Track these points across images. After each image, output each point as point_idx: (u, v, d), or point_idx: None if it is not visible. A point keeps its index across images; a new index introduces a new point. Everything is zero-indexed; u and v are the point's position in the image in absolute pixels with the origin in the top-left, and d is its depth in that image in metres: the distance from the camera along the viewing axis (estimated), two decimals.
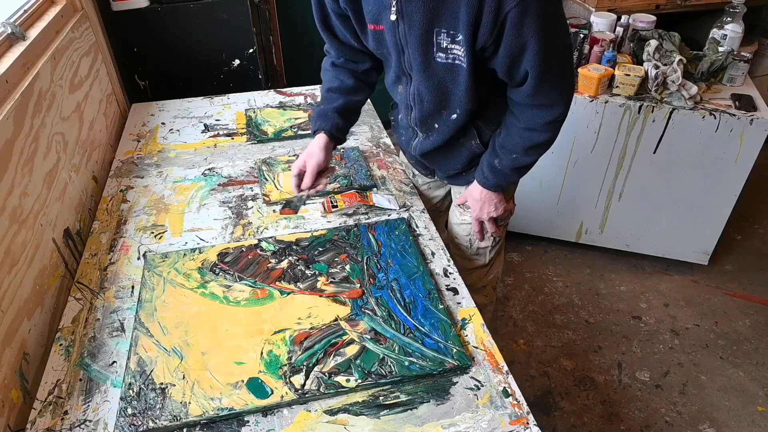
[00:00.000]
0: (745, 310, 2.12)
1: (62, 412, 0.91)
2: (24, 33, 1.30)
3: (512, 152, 1.16)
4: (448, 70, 1.06)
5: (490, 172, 1.21)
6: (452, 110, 1.16)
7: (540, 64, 0.99)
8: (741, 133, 1.87)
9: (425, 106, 1.18)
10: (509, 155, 1.16)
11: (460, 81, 1.07)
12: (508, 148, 1.16)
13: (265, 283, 1.13)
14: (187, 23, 2.02)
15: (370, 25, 1.08)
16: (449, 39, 1.00)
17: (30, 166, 1.13)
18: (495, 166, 1.19)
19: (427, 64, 1.07)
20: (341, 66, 1.30)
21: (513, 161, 1.17)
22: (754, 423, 1.72)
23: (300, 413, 0.90)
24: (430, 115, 1.20)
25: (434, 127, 1.23)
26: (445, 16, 0.97)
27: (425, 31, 1.00)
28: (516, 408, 0.90)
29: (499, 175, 1.20)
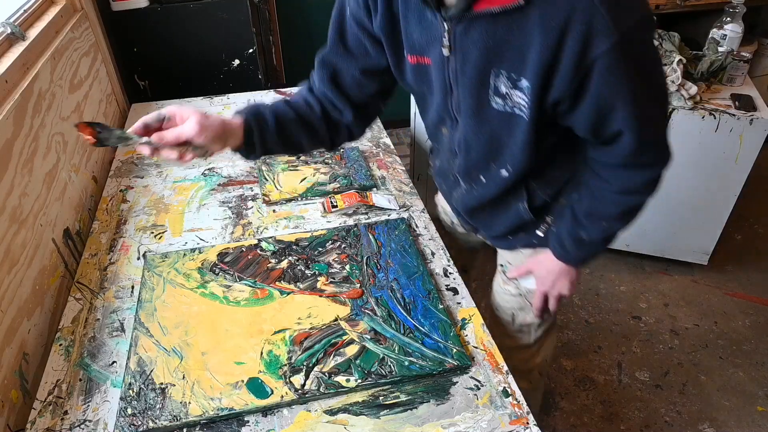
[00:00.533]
0: (745, 310, 2.12)
1: (62, 412, 0.91)
2: (24, 33, 1.30)
3: (602, 219, 0.97)
4: (505, 120, 0.87)
5: (575, 246, 1.01)
6: (503, 165, 0.96)
7: (639, 123, 0.81)
8: (741, 133, 1.87)
9: (472, 155, 0.99)
10: (598, 224, 0.97)
11: (516, 134, 0.88)
12: (597, 216, 0.96)
13: (265, 283, 1.13)
14: (187, 23, 2.02)
15: (411, 57, 0.90)
16: (510, 84, 0.81)
17: (30, 167, 1.13)
18: (581, 238, 0.99)
19: (479, 109, 0.88)
20: (316, 96, 1.02)
21: (604, 231, 0.98)
22: (754, 423, 1.72)
23: (300, 413, 0.90)
24: (477, 166, 1.00)
25: (480, 179, 1.02)
26: (509, 55, 0.78)
27: (481, 71, 0.83)
28: (516, 408, 0.90)
29: (587, 248, 1.01)
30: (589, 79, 0.76)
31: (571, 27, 0.71)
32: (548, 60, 0.75)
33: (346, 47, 0.98)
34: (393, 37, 0.90)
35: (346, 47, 0.98)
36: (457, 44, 0.82)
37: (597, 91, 0.77)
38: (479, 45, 0.80)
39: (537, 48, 0.74)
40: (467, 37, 0.80)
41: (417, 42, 0.87)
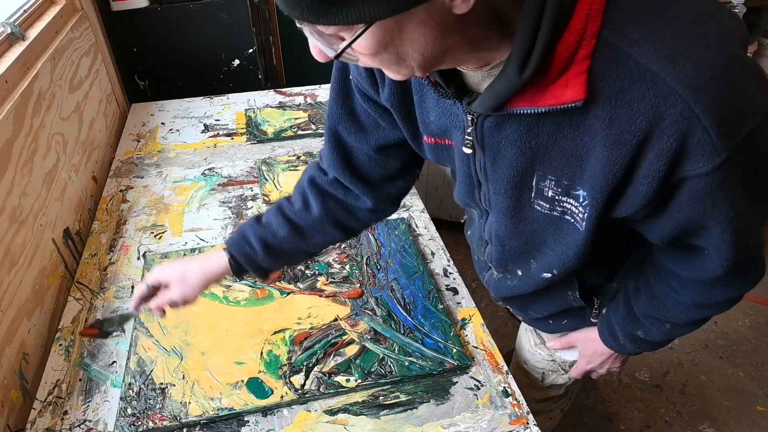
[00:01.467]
0: (745, 310, 2.12)
1: (62, 412, 0.91)
2: (24, 33, 1.30)
3: (666, 323, 0.81)
4: (550, 223, 0.69)
5: (629, 341, 0.86)
6: (546, 268, 0.77)
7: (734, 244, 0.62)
8: None
9: (507, 249, 0.80)
10: (661, 326, 0.82)
11: (567, 241, 0.70)
12: (659, 319, 0.81)
13: (265, 283, 1.13)
14: (187, 23, 2.02)
15: (427, 137, 0.73)
16: (560, 190, 0.63)
17: (30, 166, 1.13)
18: (637, 336, 0.84)
19: (518, 210, 0.70)
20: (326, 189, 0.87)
21: (666, 333, 0.82)
22: (754, 423, 1.72)
23: (300, 413, 0.90)
24: (513, 260, 0.83)
25: (516, 273, 0.84)
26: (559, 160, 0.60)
27: (519, 173, 0.64)
28: (516, 408, 0.90)
29: (642, 345, 0.86)
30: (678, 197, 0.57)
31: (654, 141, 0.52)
32: (617, 176, 0.56)
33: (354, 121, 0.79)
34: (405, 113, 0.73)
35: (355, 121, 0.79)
36: (486, 141, 0.64)
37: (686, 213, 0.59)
38: (517, 144, 0.61)
39: (601, 160, 0.56)
40: (499, 134, 0.62)
41: (434, 125, 0.70)
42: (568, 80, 0.52)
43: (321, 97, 1.94)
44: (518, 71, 0.51)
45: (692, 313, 0.77)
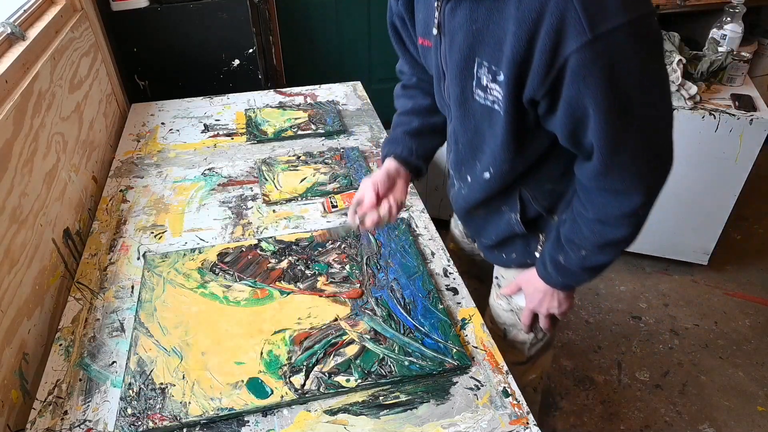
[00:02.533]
0: (745, 310, 2.12)
1: (62, 412, 0.91)
2: (24, 33, 1.30)
3: (581, 248, 0.90)
4: (486, 114, 0.83)
5: (554, 269, 0.96)
6: (485, 166, 0.92)
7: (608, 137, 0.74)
8: (740, 133, 1.87)
9: (460, 148, 0.97)
10: (577, 252, 0.90)
11: (496, 132, 0.83)
12: (576, 243, 0.90)
13: (265, 283, 1.13)
14: (187, 23, 2.02)
15: (419, 38, 0.91)
16: (490, 76, 0.77)
17: (30, 166, 1.13)
18: (560, 262, 0.94)
19: (465, 100, 0.85)
20: (414, 86, 1.10)
21: (582, 260, 0.91)
22: (754, 423, 1.72)
23: (300, 413, 0.90)
24: (464, 161, 0.98)
25: (467, 179, 1.00)
26: (489, 44, 0.75)
27: (465, 58, 0.79)
28: (516, 408, 0.90)
29: (566, 274, 0.95)
30: (563, 79, 0.70)
31: (544, 19, 0.66)
32: (521, 53, 0.70)
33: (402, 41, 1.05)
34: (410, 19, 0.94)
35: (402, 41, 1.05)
36: (445, 25, 0.80)
37: (569, 93, 0.71)
38: (464, 28, 0.77)
39: (511, 39, 0.70)
40: (454, 19, 0.78)
41: (421, 21, 0.89)
42: None
43: (321, 97, 1.94)
44: None
45: (598, 232, 0.87)
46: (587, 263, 0.91)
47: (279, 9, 2.66)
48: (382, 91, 3.07)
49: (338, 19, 2.79)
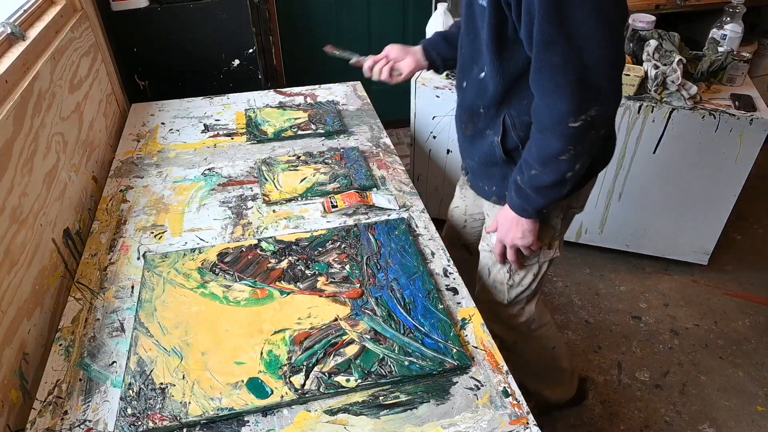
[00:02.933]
0: (745, 310, 2.12)
1: (62, 412, 0.91)
2: (24, 33, 1.30)
3: (531, 167, 1.02)
4: (481, 13, 0.99)
5: (514, 191, 1.08)
6: (480, 66, 1.07)
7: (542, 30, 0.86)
8: (740, 133, 1.87)
9: (463, 52, 1.13)
10: (528, 170, 1.03)
11: (485, 27, 0.99)
12: (528, 162, 1.03)
13: (265, 283, 1.13)
14: (187, 23, 2.02)
15: None
16: None
17: (30, 166, 1.13)
18: (518, 183, 1.06)
19: (470, 3, 1.04)
20: None
21: (531, 178, 1.02)
22: (754, 423, 1.72)
23: (300, 413, 0.90)
24: (465, 64, 1.14)
25: (463, 85, 1.16)
26: None
27: None
28: (516, 408, 0.90)
29: (522, 195, 1.07)
30: None
31: None
32: None
33: None
34: None
35: None
36: None
37: None
38: None
39: None
40: None
41: None
42: None
43: (321, 97, 1.94)
44: None
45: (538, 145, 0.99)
46: (535, 182, 1.02)
47: (279, 9, 2.66)
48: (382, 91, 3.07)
49: (338, 19, 2.79)
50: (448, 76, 2.03)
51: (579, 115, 0.91)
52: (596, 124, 0.93)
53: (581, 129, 0.93)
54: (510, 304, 1.34)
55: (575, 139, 0.94)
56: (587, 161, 1.01)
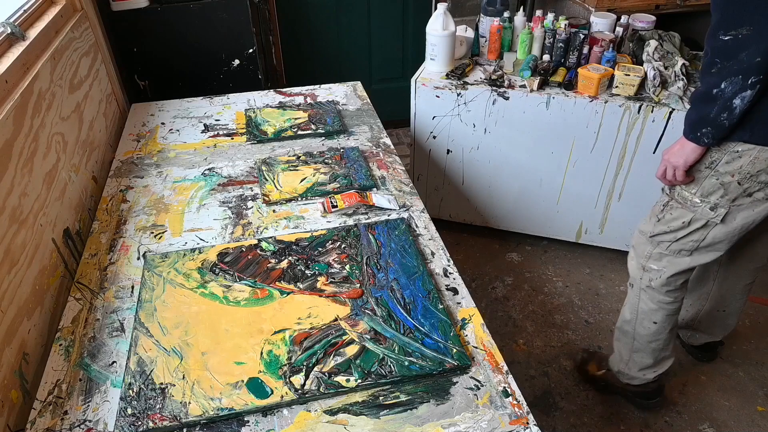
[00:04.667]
0: (745, 310, 2.11)
1: (62, 412, 0.91)
2: (24, 33, 1.30)
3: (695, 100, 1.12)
4: None
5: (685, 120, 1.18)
6: None
7: None
8: None
9: None
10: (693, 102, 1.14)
11: None
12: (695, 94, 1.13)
13: (265, 283, 1.13)
14: (187, 23, 2.02)
15: None
16: None
17: (30, 166, 1.13)
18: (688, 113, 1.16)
19: None
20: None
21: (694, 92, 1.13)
22: (754, 423, 1.72)
23: (300, 413, 0.90)
24: None
25: None
26: None
27: None
28: (516, 408, 0.90)
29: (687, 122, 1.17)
30: None
31: None
32: None
33: None
34: None
35: None
36: None
37: None
38: None
39: None
40: None
41: None
42: None
43: (321, 97, 1.94)
44: None
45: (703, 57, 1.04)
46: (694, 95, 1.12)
47: (279, 9, 2.66)
48: (382, 91, 3.07)
49: (338, 19, 2.79)
50: (448, 76, 2.03)
51: (729, 29, 0.97)
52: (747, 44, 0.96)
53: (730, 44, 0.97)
54: (652, 238, 1.38)
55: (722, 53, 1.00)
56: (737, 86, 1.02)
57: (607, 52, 1.95)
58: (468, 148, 2.14)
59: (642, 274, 1.44)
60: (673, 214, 1.31)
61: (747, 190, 1.20)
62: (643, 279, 1.44)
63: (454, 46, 2.06)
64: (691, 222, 1.29)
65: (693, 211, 1.27)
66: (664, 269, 1.40)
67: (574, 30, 1.99)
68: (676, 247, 1.34)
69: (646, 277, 1.43)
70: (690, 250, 1.33)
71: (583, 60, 2.01)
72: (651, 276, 1.42)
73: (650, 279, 1.43)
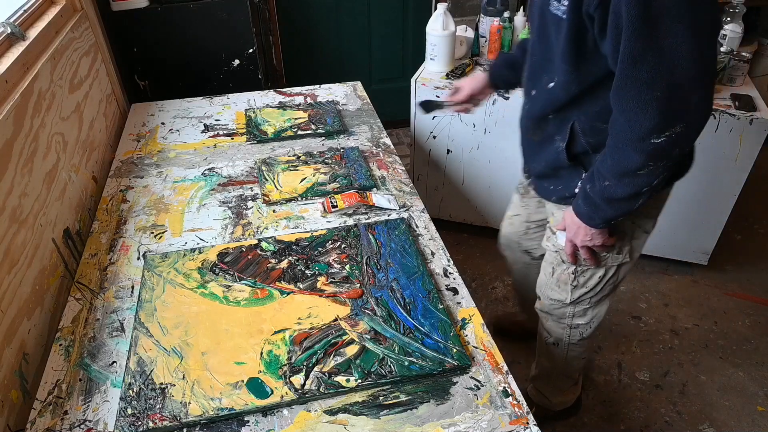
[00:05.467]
0: (745, 310, 2.12)
1: (62, 412, 0.91)
2: (24, 33, 1.30)
3: (604, 178, 0.99)
4: (555, 23, 0.97)
5: (583, 200, 1.07)
6: (551, 76, 1.05)
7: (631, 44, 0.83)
8: (741, 133, 1.87)
9: (533, 60, 1.12)
10: (602, 182, 1.00)
11: (560, 38, 0.96)
12: (601, 173, 1.00)
13: (265, 283, 1.13)
14: (187, 23, 2.02)
15: None
16: None
17: (30, 166, 1.13)
18: (587, 192, 1.05)
19: (543, 12, 1.00)
20: None
21: (604, 189, 1.00)
22: (754, 423, 1.72)
23: (300, 413, 0.90)
24: (533, 75, 1.13)
25: (532, 93, 1.14)
26: None
27: None
28: (516, 408, 0.90)
29: (591, 204, 1.05)
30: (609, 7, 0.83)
31: None
32: None
33: None
34: None
35: None
36: None
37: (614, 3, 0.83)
38: None
39: None
40: None
41: None
42: None
43: (321, 97, 1.94)
44: None
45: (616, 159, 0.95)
46: (608, 193, 1.00)
47: (279, 9, 2.66)
48: (382, 91, 3.07)
49: (338, 19, 2.79)
50: (448, 76, 2.03)
51: (663, 132, 0.88)
52: (680, 141, 0.89)
53: (664, 145, 0.89)
54: (573, 303, 1.33)
55: (657, 155, 0.91)
56: (666, 177, 0.97)
57: None
58: (468, 148, 2.14)
59: (570, 332, 1.41)
60: (587, 275, 1.26)
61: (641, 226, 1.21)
62: (572, 336, 1.42)
63: (454, 46, 2.06)
64: (605, 273, 1.25)
65: (604, 264, 1.23)
66: (592, 320, 1.37)
67: None
68: (597, 299, 1.31)
69: (576, 333, 1.41)
70: (609, 293, 1.31)
71: None
72: (581, 330, 1.40)
73: (581, 333, 1.40)
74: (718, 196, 2.03)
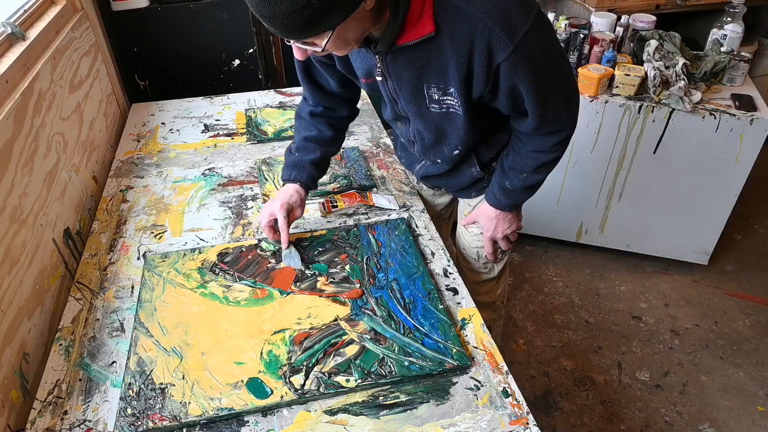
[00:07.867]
0: (745, 310, 2.12)
1: (62, 412, 0.91)
2: (24, 33, 1.30)
3: (522, 172, 1.16)
4: (444, 117, 1.09)
5: (502, 194, 1.21)
6: (453, 146, 1.18)
7: (539, 104, 1.00)
8: (741, 133, 1.87)
9: (426, 142, 1.20)
10: (519, 175, 1.17)
11: (457, 125, 1.10)
12: (517, 169, 1.16)
13: (265, 283, 1.13)
14: (187, 23, 2.02)
15: (362, 79, 1.10)
16: (440, 92, 1.03)
17: (30, 166, 1.13)
18: (506, 187, 1.20)
19: (422, 114, 1.10)
20: (320, 115, 1.26)
21: (524, 180, 1.17)
22: (754, 423, 1.72)
23: (300, 413, 0.90)
24: (432, 149, 1.22)
25: (436, 160, 1.25)
26: (433, 73, 0.99)
27: (414, 87, 1.03)
28: (516, 408, 0.90)
29: (512, 195, 1.21)
30: (499, 79, 0.96)
31: (475, 46, 0.91)
32: (465, 72, 0.96)
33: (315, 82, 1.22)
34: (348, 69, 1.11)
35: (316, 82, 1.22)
36: (390, 70, 1.02)
37: (505, 85, 0.97)
38: (408, 68, 1.00)
39: (454, 65, 0.95)
40: (396, 64, 1.00)
41: (361, 69, 1.08)
42: (424, 22, 0.92)
43: None
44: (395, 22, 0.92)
45: (535, 158, 1.14)
46: (528, 182, 1.18)
47: None
48: None
49: None
50: None
51: (574, 128, 1.11)
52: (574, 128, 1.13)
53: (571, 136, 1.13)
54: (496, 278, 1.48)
55: (567, 145, 1.14)
56: None
57: (607, 52, 1.95)
58: None
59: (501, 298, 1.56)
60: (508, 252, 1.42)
61: None
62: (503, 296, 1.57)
63: None
64: None
65: None
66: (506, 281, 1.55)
67: (575, 30, 1.99)
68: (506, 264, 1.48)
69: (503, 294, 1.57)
70: None
71: (583, 60, 2.02)
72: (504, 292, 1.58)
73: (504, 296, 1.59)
74: (718, 196, 2.03)
